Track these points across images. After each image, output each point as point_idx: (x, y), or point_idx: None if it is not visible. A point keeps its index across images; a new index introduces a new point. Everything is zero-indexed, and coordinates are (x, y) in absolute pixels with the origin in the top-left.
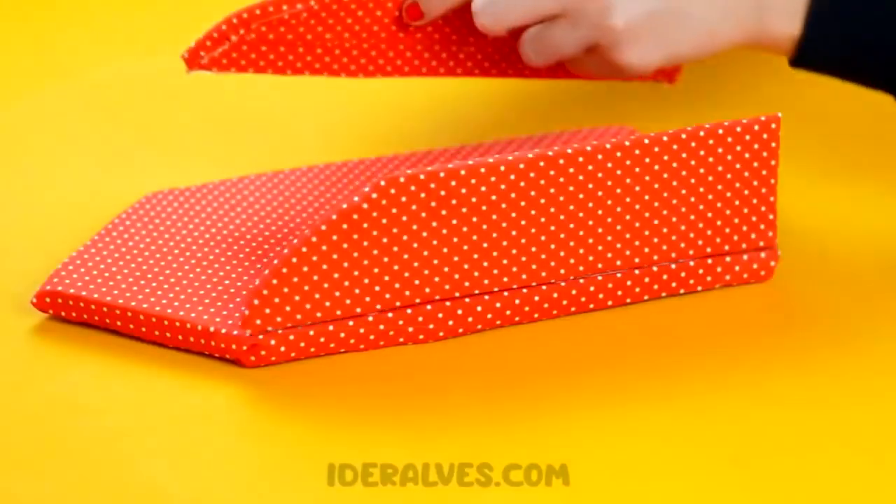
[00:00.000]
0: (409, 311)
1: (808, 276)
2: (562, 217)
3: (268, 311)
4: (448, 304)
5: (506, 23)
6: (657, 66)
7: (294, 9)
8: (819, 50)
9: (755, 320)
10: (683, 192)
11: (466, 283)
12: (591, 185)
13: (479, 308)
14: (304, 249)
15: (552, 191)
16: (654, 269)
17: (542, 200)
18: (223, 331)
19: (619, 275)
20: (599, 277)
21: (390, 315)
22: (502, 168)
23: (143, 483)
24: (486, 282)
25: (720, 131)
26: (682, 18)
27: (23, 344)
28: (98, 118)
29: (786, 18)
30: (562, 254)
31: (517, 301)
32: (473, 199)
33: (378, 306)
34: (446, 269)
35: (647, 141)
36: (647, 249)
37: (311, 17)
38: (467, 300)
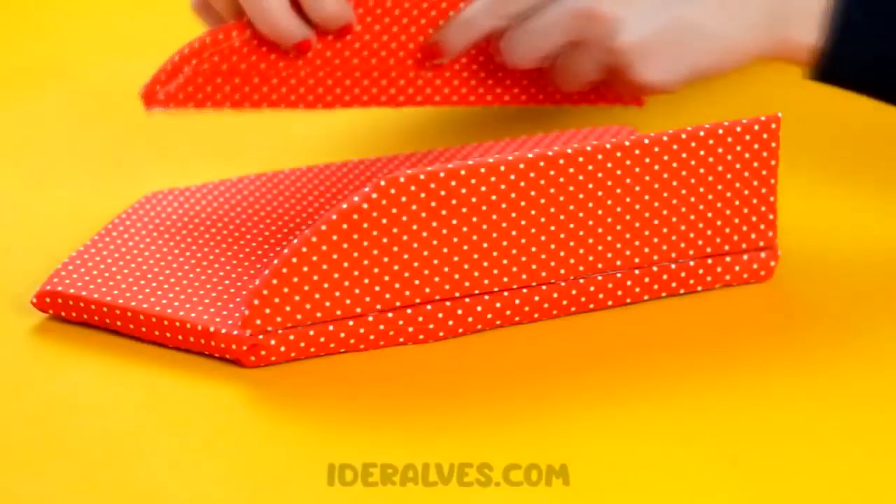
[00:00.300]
0: (409, 311)
1: (808, 276)
2: (562, 217)
3: (268, 311)
4: (448, 304)
5: (528, 58)
6: (680, 83)
7: (244, 35)
8: (841, 65)
9: (755, 320)
10: (683, 192)
11: (466, 283)
12: (591, 185)
13: (479, 308)
14: (304, 249)
15: (552, 191)
16: (654, 269)
17: (542, 200)
18: (223, 331)
19: (619, 275)
20: (599, 277)
21: (390, 315)
22: (502, 168)
23: (143, 483)
24: (486, 282)
25: (720, 131)
26: (696, 34)
27: (23, 344)
28: (98, 118)
29: (807, 30)
30: (562, 254)
31: (517, 301)
32: (473, 199)
33: (378, 306)
34: (446, 269)
35: (647, 141)
36: (647, 249)
37: (263, 45)
38: (467, 300)
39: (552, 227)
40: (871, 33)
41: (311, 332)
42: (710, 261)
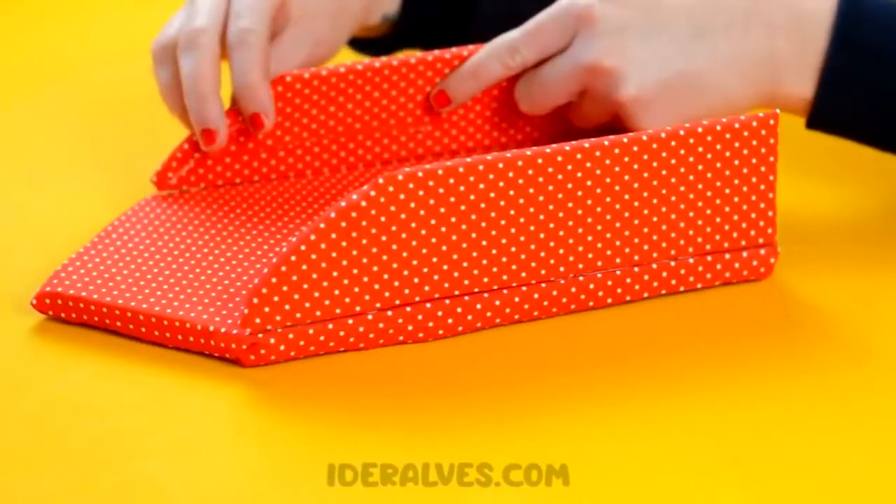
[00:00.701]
0: (408, 309)
1: (808, 274)
2: (561, 214)
3: (267, 309)
4: (447, 302)
5: (541, 106)
6: None
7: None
8: (834, 115)
9: (755, 319)
10: (682, 188)
11: (466, 281)
12: (589, 182)
13: (478, 306)
14: (302, 247)
15: (550, 188)
16: (654, 266)
17: (541, 198)
18: (223, 330)
19: (618, 272)
20: (599, 275)
21: (390, 313)
22: (500, 165)
23: (143, 483)
24: (485, 279)
25: (718, 128)
26: (695, 87)
27: (23, 344)
28: (98, 119)
29: (800, 82)
30: (561, 251)
31: (517, 299)
32: (472, 197)
33: (377, 304)
34: (445, 267)
35: (645, 137)
36: (646, 247)
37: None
38: (467, 298)
39: (551, 225)
40: (861, 85)
41: (311, 331)
42: (709, 258)
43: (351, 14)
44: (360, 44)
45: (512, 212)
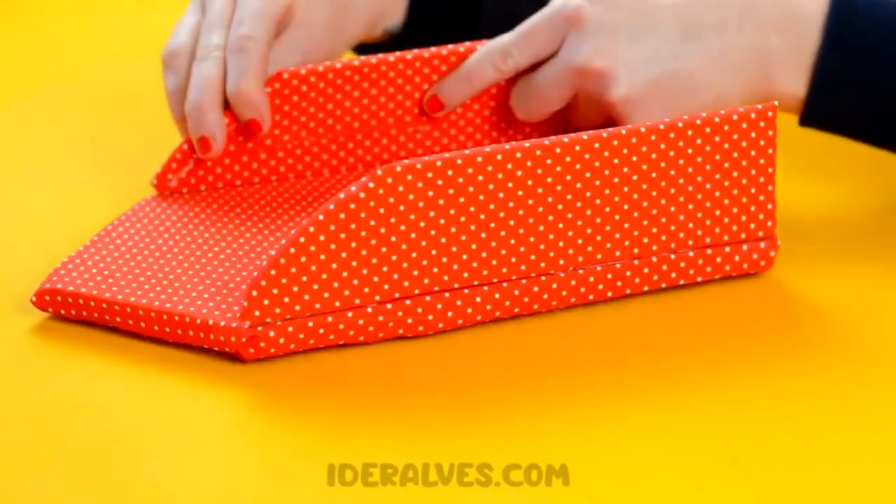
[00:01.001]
0: (407, 302)
1: (807, 271)
2: (560, 206)
3: (266, 302)
4: (447, 294)
5: (537, 112)
6: None
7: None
8: (826, 113)
9: (754, 316)
10: (681, 181)
11: (465, 274)
12: (588, 174)
13: (478, 299)
14: (301, 240)
15: (549, 180)
16: (654, 259)
17: (540, 190)
18: (222, 323)
19: (618, 265)
20: (598, 268)
21: (389, 306)
22: (499, 157)
23: (143, 483)
24: (484, 272)
25: (717, 119)
26: (687, 86)
27: (23, 344)
28: (98, 118)
29: (793, 80)
30: (561, 244)
31: (516, 292)
32: (471, 189)
33: (377, 297)
34: (444, 260)
35: (643, 129)
36: (646, 240)
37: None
38: (466, 291)
39: (550, 217)
40: (854, 85)
41: (310, 324)
42: (709, 251)
43: (355, 23)
44: (363, 49)
45: (511, 204)
